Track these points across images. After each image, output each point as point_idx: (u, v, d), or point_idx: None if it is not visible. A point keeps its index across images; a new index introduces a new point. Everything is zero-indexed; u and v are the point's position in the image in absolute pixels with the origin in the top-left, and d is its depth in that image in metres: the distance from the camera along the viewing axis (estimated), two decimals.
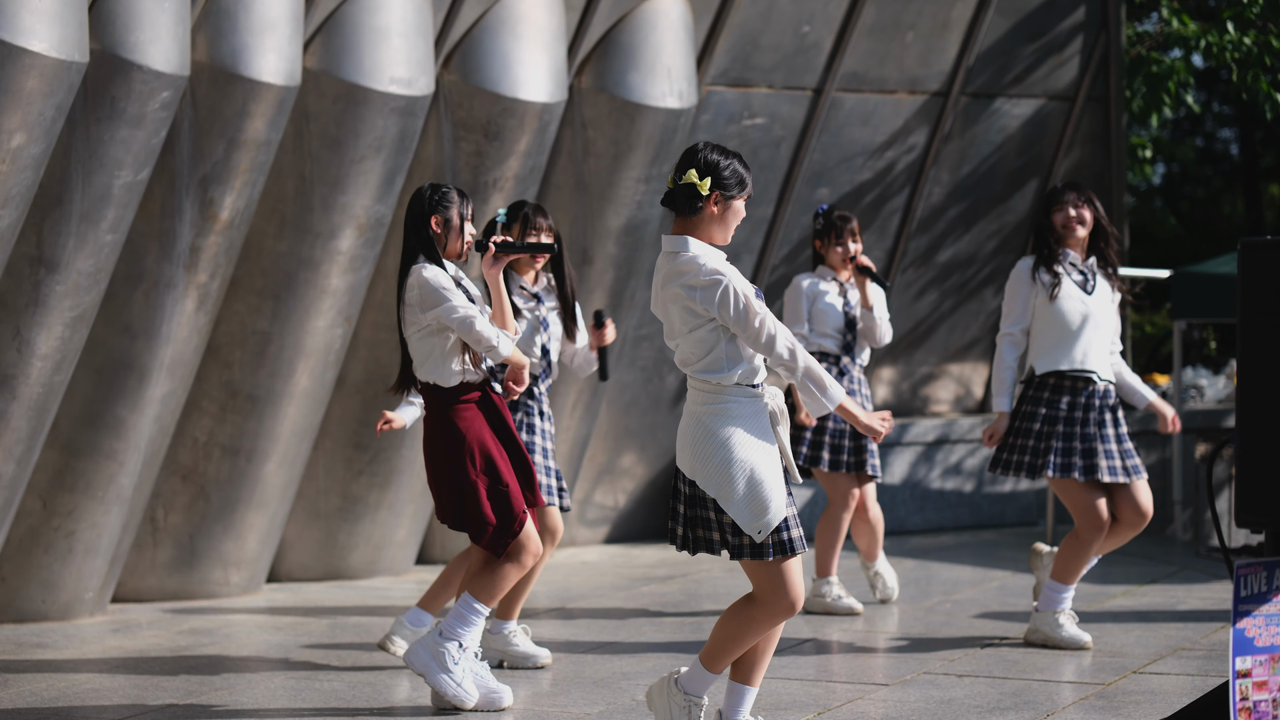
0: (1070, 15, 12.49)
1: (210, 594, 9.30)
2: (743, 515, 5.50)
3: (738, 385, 5.55)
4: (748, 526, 5.50)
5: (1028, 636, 7.83)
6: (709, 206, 5.58)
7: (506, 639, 7.42)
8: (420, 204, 6.61)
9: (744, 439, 5.52)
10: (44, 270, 8.03)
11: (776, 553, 5.53)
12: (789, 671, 7.30)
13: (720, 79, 11.07)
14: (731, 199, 5.60)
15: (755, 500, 5.50)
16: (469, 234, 6.67)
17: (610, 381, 10.84)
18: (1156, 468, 12.61)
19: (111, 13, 7.95)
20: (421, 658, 6.54)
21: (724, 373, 5.54)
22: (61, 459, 8.57)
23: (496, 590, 6.57)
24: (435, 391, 6.60)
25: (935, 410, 12.84)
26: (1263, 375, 5.63)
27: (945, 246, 12.49)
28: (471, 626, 6.56)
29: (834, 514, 8.79)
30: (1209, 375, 14.47)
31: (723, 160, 5.59)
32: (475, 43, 9.55)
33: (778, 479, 5.55)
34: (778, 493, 5.53)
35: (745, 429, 5.53)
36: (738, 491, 5.50)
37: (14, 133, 7.56)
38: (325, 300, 9.13)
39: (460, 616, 6.56)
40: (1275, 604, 5.56)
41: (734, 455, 5.50)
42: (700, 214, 5.58)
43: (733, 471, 5.50)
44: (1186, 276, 11.88)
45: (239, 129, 8.48)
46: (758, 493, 5.50)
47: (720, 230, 5.62)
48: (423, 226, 6.59)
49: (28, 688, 7.17)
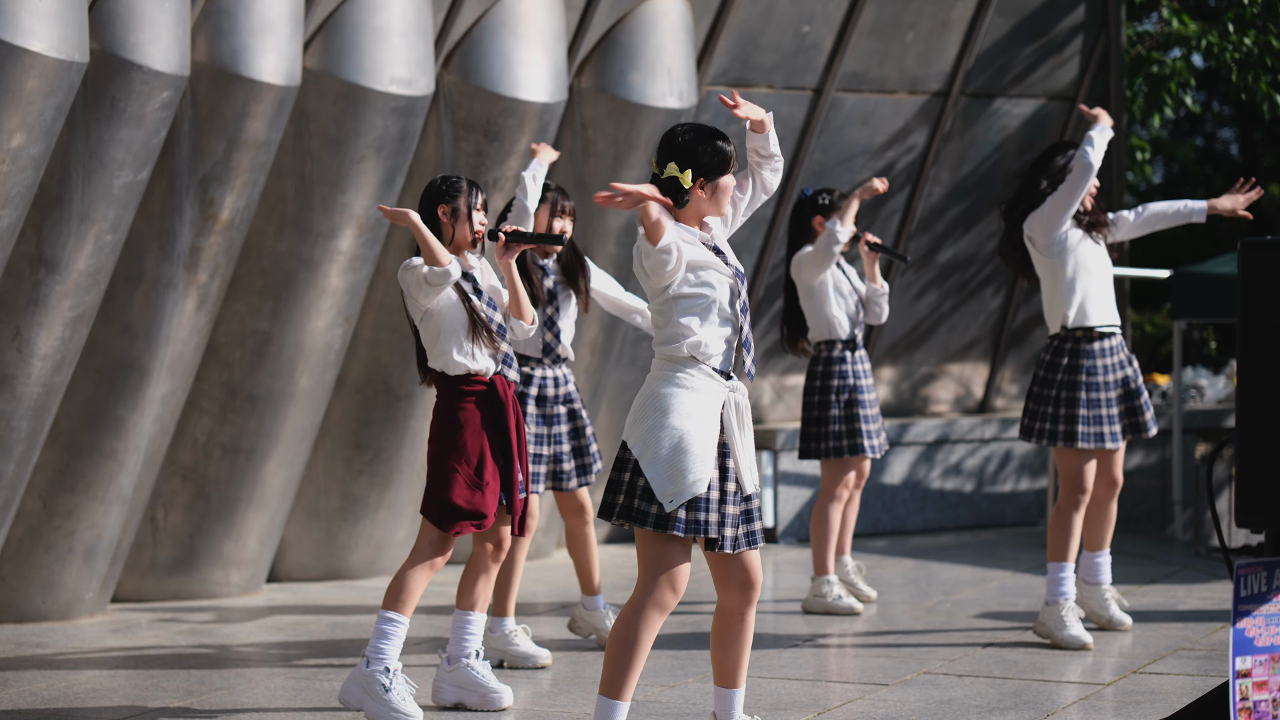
0: (1070, 15, 12.49)
1: (210, 594, 9.30)
2: (658, 479, 5.32)
3: (692, 359, 5.43)
4: (660, 491, 5.31)
5: (1036, 628, 7.88)
6: (695, 192, 5.52)
7: (506, 638, 7.43)
8: (429, 194, 6.64)
9: (683, 408, 5.37)
10: (44, 270, 8.03)
11: (685, 529, 5.33)
12: (789, 671, 7.30)
13: (720, 79, 11.07)
14: (718, 178, 5.53)
15: (674, 466, 5.33)
16: (479, 223, 6.67)
17: (610, 381, 10.84)
18: (1156, 468, 12.61)
19: (111, 13, 7.95)
20: (354, 693, 6.42)
21: (676, 344, 5.44)
22: (61, 459, 8.57)
23: (408, 597, 6.44)
24: (442, 379, 6.60)
25: (935, 410, 12.84)
26: (1263, 375, 5.63)
27: (945, 246, 12.49)
28: (391, 640, 6.42)
29: (822, 507, 8.78)
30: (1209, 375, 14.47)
31: (700, 144, 5.48)
32: (475, 43, 9.55)
33: (706, 456, 5.36)
34: (701, 468, 5.34)
35: (688, 400, 5.39)
36: (660, 454, 5.34)
37: (14, 133, 7.56)
38: (325, 300, 9.13)
39: (380, 634, 6.43)
40: (1275, 604, 5.56)
41: (667, 420, 5.36)
42: (689, 202, 5.53)
43: (660, 435, 5.35)
44: (1186, 276, 11.88)
45: (239, 129, 8.48)
46: (679, 461, 5.33)
47: (713, 206, 5.56)
48: (430, 215, 6.61)
49: (28, 688, 7.17)
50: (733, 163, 5.55)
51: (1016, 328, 12.90)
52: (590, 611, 7.90)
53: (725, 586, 5.55)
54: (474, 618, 6.76)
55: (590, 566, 7.81)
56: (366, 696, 6.39)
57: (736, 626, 5.60)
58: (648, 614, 5.41)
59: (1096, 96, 12.77)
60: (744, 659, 5.65)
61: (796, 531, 11.53)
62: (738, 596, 5.55)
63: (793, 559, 10.75)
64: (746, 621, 5.60)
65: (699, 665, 7.39)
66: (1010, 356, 13.02)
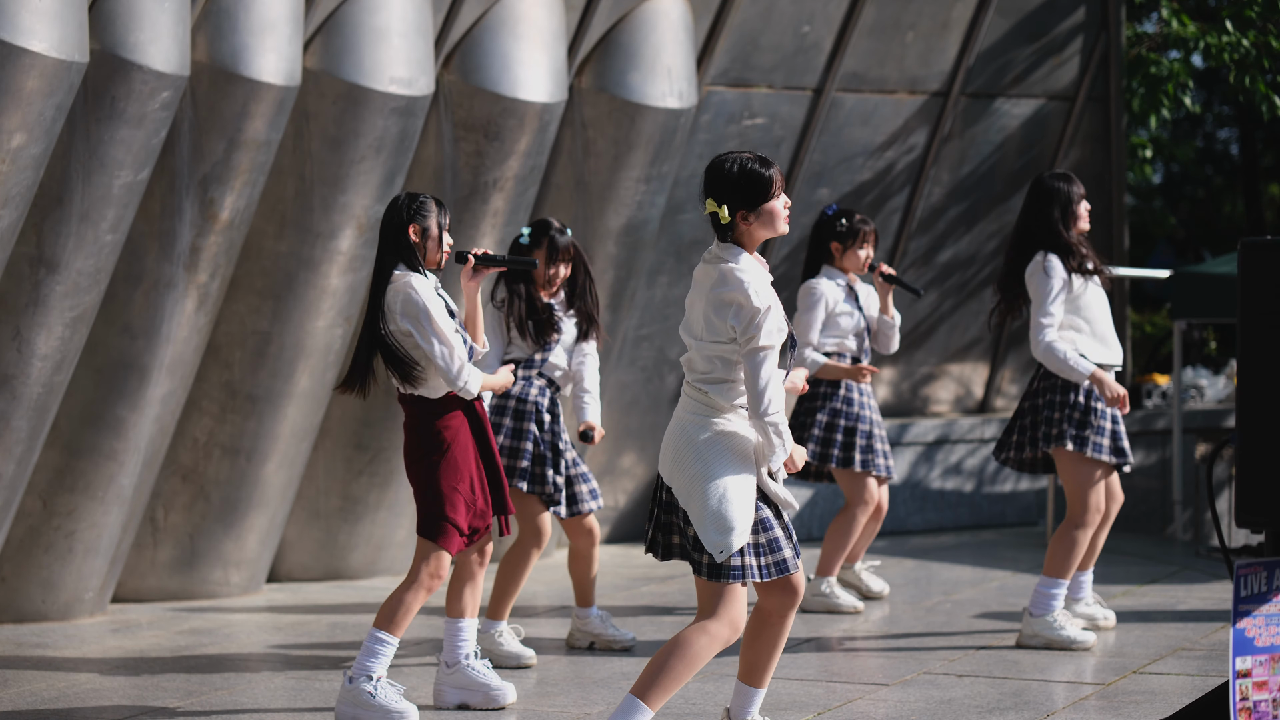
0: (1070, 15, 12.49)
1: (210, 594, 9.30)
2: (707, 532, 5.39)
3: (735, 406, 5.47)
4: (709, 544, 5.39)
5: (1021, 640, 7.81)
6: (740, 225, 5.46)
7: (493, 638, 7.46)
8: (397, 213, 6.50)
9: (724, 456, 5.42)
10: (44, 270, 8.03)
11: (733, 576, 5.42)
12: (789, 671, 7.30)
13: (720, 79, 11.07)
14: (761, 205, 5.46)
15: (721, 519, 5.39)
16: (446, 244, 6.60)
17: (610, 381, 10.84)
18: (1156, 468, 12.61)
19: (111, 13, 7.95)
20: (346, 712, 6.42)
21: (726, 391, 5.46)
22: (61, 459, 8.57)
23: (401, 619, 6.43)
24: (420, 404, 6.53)
25: (935, 410, 12.84)
26: (1263, 375, 5.63)
27: (945, 247, 12.49)
28: (379, 659, 6.42)
29: (850, 514, 8.79)
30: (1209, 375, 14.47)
31: (736, 173, 5.43)
32: (475, 43, 9.55)
33: (748, 503, 5.43)
34: (745, 516, 5.42)
35: (728, 447, 5.43)
36: (708, 507, 5.39)
37: (14, 133, 7.56)
38: (325, 300, 9.13)
39: (368, 652, 6.42)
40: (1275, 604, 5.56)
41: (710, 470, 5.40)
42: (738, 234, 5.48)
43: (706, 486, 5.39)
44: (1186, 276, 11.88)
45: (239, 129, 8.48)
46: (724, 511, 5.39)
47: (766, 230, 5.49)
48: (400, 235, 6.50)
49: (28, 688, 7.17)
50: (775, 186, 5.46)
51: (1017, 328, 12.90)
52: (584, 620, 7.90)
53: (767, 590, 5.59)
54: (465, 624, 6.76)
55: (589, 584, 7.81)
56: (358, 709, 6.38)
57: (775, 628, 5.63)
58: (710, 644, 5.48)
59: (1096, 96, 12.77)
60: (773, 661, 5.69)
61: (796, 531, 11.53)
62: (778, 599, 5.60)
63: None
64: (785, 623, 5.63)
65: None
66: (1010, 356, 13.02)
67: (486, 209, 9.59)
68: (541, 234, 7.55)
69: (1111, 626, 8.18)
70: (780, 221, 5.50)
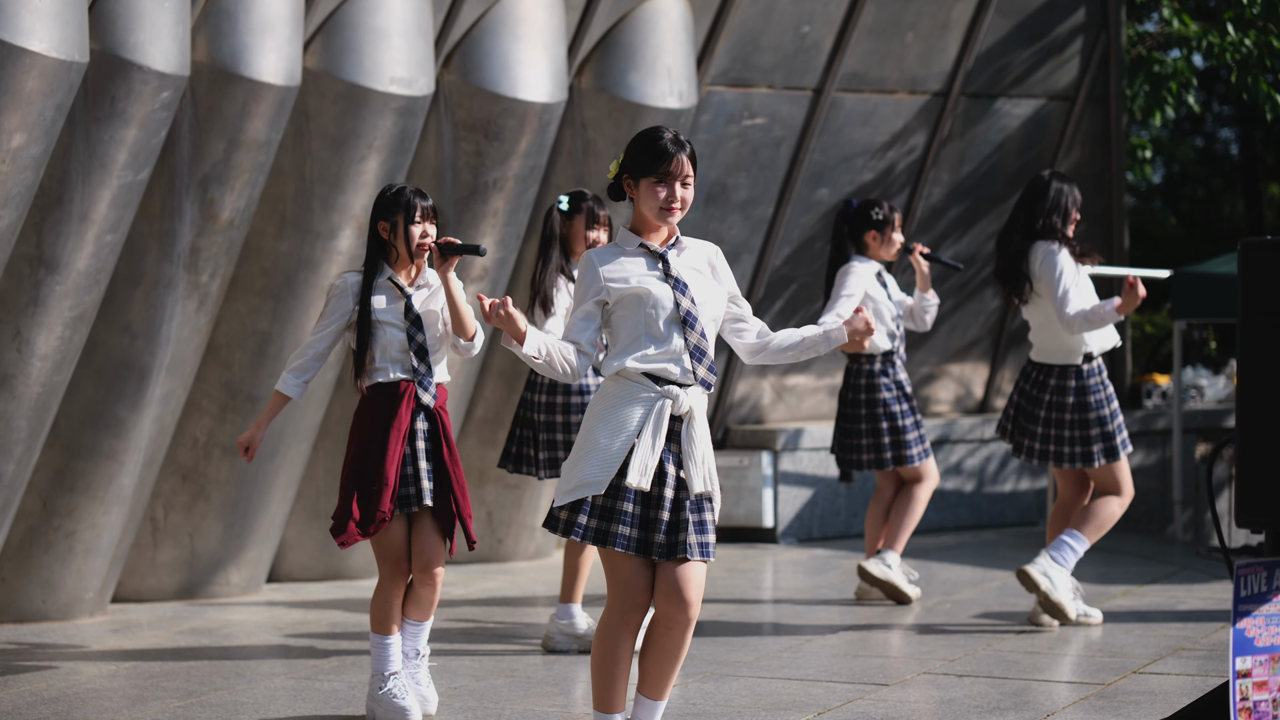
0: (1070, 15, 12.49)
1: (210, 594, 9.30)
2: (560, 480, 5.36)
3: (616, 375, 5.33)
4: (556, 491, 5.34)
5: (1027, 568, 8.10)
6: (629, 191, 5.37)
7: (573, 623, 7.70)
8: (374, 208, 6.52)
9: (598, 417, 5.31)
10: (44, 270, 8.03)
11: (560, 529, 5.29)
12: (789, 671, 7.30)
13: (720, 79, 11.07)
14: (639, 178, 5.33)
15: (569, 471, 5.32)
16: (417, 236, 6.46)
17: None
18: (1156, 468, 12.61)
19: (111, 13, 7.96)
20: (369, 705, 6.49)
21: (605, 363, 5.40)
22: (61, 459, 8.58)
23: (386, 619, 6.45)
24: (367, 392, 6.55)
25: (935, 410, 12.84)
26: (1263, 375, 5.63)
27: (945, 247, 12.49)
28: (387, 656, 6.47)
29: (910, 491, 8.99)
30: (1209, 375, 14.47)
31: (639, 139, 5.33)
32: (475, 43, 9.55)
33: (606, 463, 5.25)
34: (595, 473, 5.25)
35: (606, 409, 5.31)
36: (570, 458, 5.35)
37: (14, 133, 7.56)
38: None
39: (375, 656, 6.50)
40: (1275, 604, 5.56)
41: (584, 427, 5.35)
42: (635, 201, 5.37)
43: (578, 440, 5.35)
44: (1186, 276, 11.88)
45: (239, 129, 8.48)
46: (574, 465, 5.30)
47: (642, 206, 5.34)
48: (373, 231, 6.51)
49: (28, 688, 7.17)
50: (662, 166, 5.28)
51: (1016, 328, 12.89)
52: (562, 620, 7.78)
53: (657, 592, 5.32)
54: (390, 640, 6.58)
55: (578, 579, 7.79)
56: (374, 704, 6.48)
57: (659, 637, 5.35)
58: (613, 627, 5.33)
59: (1096, 96, 12.77)
60: (667, 673, 5.39)
61: (796, 531, 11.53)
62: (662, 607, 5.29)
63: (793, 559, 10.76)
64: (671, 635, 5.31)
65: (699, 666, 7.39)
66: (1010, 356, 13.02)
67: (486, 209, 9.59)
68: (579, 202, 7.75)
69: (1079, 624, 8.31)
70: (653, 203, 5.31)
